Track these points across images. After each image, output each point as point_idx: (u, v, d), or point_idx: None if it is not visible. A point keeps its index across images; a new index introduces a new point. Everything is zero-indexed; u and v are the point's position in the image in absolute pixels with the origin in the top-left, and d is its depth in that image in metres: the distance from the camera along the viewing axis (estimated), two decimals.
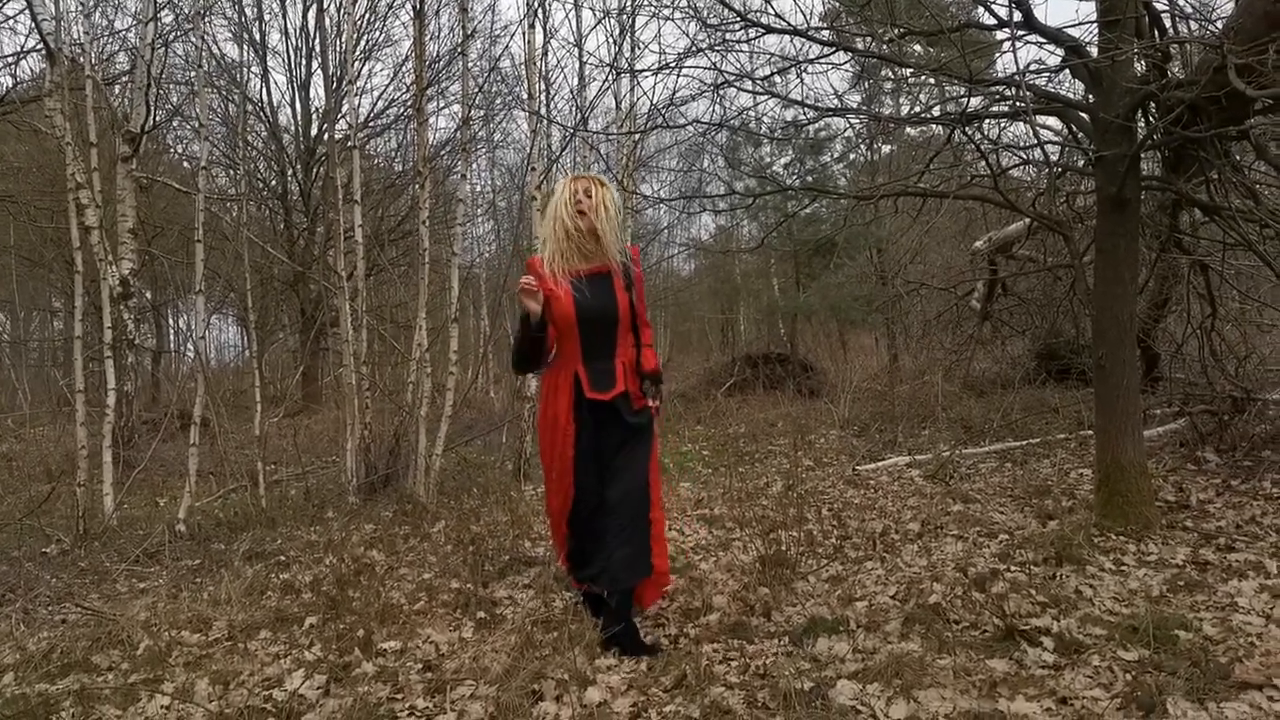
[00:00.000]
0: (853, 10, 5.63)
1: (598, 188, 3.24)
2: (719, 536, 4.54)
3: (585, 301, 3.13)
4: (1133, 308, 4.08)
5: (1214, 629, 2.81)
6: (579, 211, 3.18)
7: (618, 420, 3.18)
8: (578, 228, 3.18)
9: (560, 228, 3.19)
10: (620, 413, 3.17)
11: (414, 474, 6.00)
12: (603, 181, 3.30)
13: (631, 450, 3.20)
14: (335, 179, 6.46)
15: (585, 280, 3.17)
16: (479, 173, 17.07)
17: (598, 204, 3.19)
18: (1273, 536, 3.80)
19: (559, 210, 3.20)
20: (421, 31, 5.80)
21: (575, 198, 3.19)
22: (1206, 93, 3.39)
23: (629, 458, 3.19)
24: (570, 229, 3.18)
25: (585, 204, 3.17)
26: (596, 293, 3.17)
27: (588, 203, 3.18)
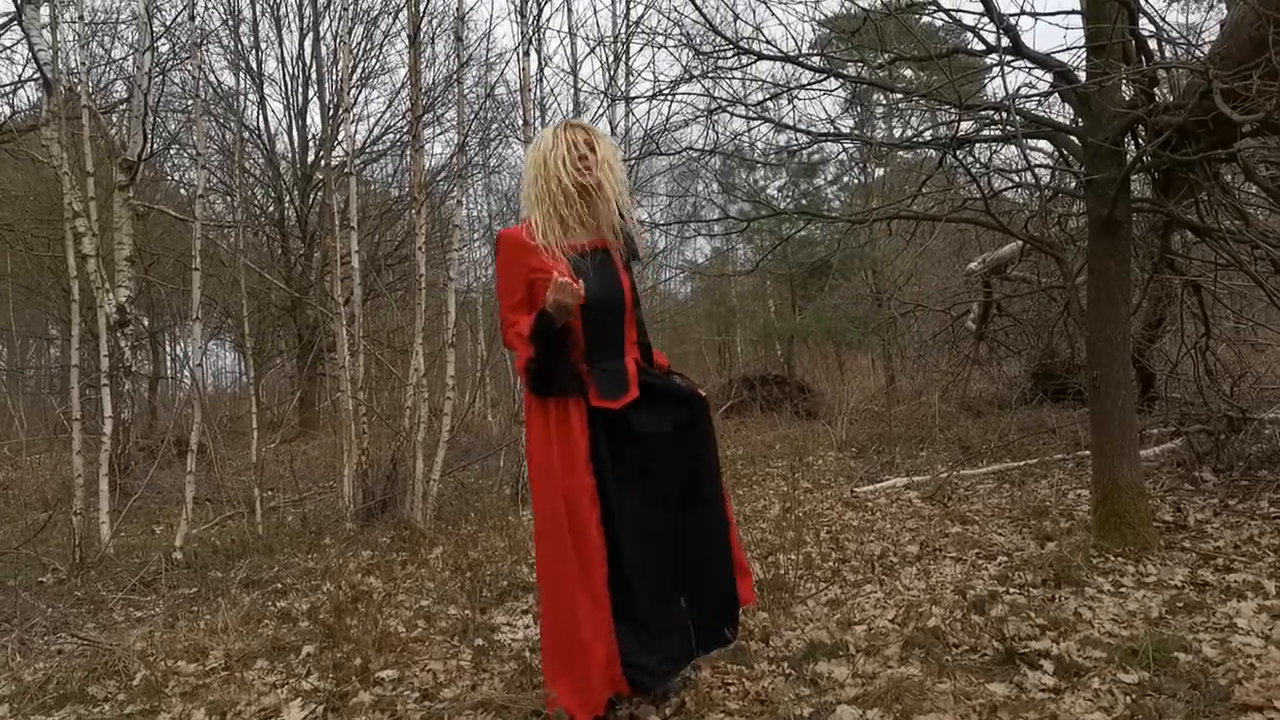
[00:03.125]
0: (843, 37, 5.69)
1: (599, 140, 2.61)
2: None
3: (590, 286, 2.44)
4: (1126, 329, 4.11)
5: (1213, 650, 2.81)
6: (585, 168, 2.52)
7: (628, 430, 2.53)
8: (582, 189, 2.53)
9: (559, 189, 2.49)
10: (631, 422, 2.53)
11: (411, 499, 5.99)
12: (599, 133, 2.67)
13: (687, 461, 2.61)
14: (332, 205, 6.50)
15: (586, 258, 2.54)
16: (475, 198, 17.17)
17: (603, 159, 2.56)
18: (1270, 556, 3.80)
19: (556, 167, 2.49)
20: (417, 59, 5.86)
21: (577, 151, 2.52)
22: (1194, 117, 3.43)
23: (686, 471, 2.60)
24: (573, 191, 2.51)
25: (590, 159, 2.53)
26: (601, 274, 2.54)
27: (593, 158, 2.53)
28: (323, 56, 14.41)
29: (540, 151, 2.55)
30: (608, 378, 2.51)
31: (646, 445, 2.54)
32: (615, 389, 2.50)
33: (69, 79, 7.48)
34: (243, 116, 13.68)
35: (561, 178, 2.49)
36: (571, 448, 2.46)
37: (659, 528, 2.55)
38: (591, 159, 2.52)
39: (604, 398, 2.48)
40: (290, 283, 13.89)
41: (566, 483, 2.44)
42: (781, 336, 15.85)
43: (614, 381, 2.51)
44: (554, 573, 2.47)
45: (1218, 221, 4.48)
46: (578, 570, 2.42)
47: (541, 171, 2.52)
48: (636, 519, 2.49)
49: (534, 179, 2.54)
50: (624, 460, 2.51)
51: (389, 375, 9.35)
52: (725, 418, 12.78)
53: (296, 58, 15.17)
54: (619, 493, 2.47)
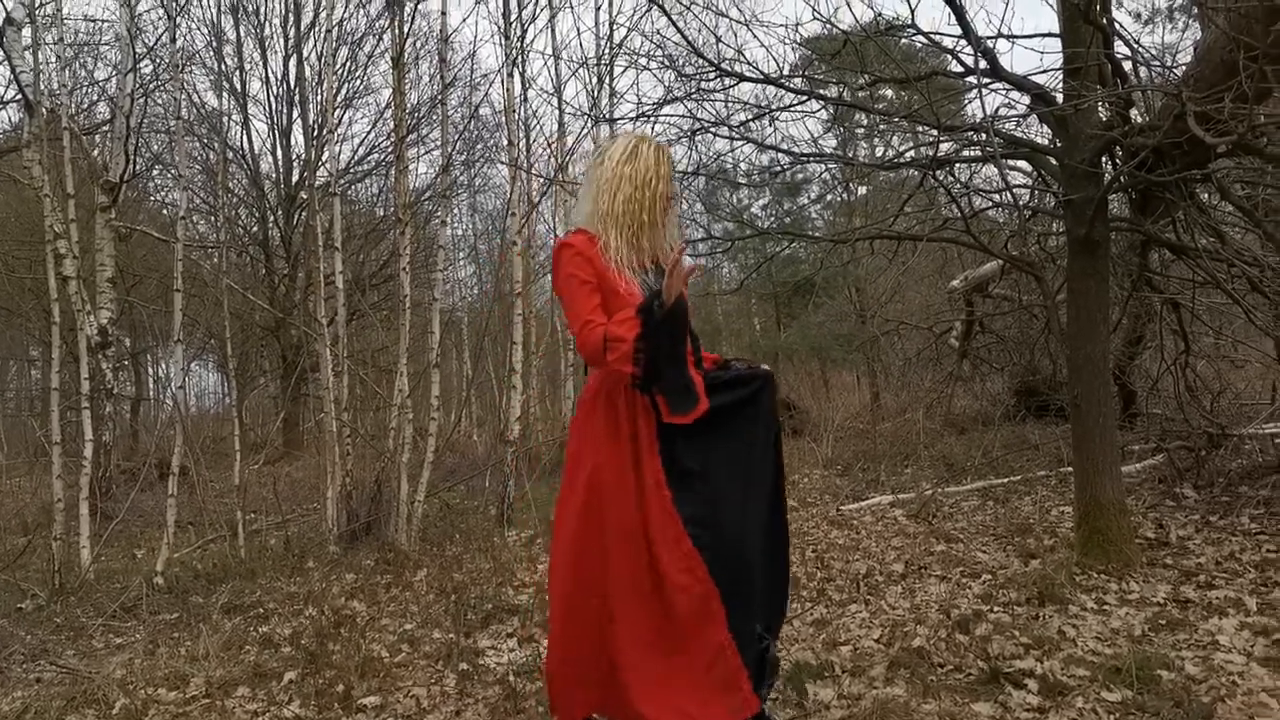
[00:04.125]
0: (824, 59, 5.75)
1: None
2: None
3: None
4: (1105, 346, 4.15)
5: (1196, 668, 2.82)
6: (671, 193, 2.50)
7: (705, 437, 2.41)
8: (666, 211, 2.50)
9: (651, 205, 2.43)
10: (706, 431, 2.40)
11: (396, 521, 5.95)
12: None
13: (756, 459, 2.49)
14: (316, 225, 6.50)
15: (649, 273, 2.46)
16: (460, 218, 17.19)
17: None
18: (1252, 573, 3.83)
19: (654, 185, 2.43)
20: (400, 81, 5.89)
21: (668, 172, 2.49)
22: (1169, 138, 3.48)
23: (755, 472, 2.48)
24: (661, 210, 2.46)
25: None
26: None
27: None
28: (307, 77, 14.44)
29: (641, 165, 2.44)
30: (679, 392, 2.38)
31: (726, 449, 2.44)
32: (687, 403, 2.37)
33: (50, 101, 7.46)
34: (226, 137, 13.67)
35: (656, 196, 2.44)
36: (650, 474, 2.34)
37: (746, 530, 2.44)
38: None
39: (675, 413, 2.36)
40: (274, 303, 13.85)
41: (649, 500, 2.33)
42: (767, 354, 15.91)
43: (686, 396, 2.38)
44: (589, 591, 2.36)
45: (1194, 240, 4.54)
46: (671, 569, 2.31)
47: (635, 181, 2.43)
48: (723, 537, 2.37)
49: (629, 195, 2.42)
50: (698, 472, 2.39)
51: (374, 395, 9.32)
52: None
53: (281, 78, 15.20)
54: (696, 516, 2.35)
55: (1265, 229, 4.12)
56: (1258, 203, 4.81)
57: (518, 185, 6.61)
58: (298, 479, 10.12)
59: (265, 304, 13.07)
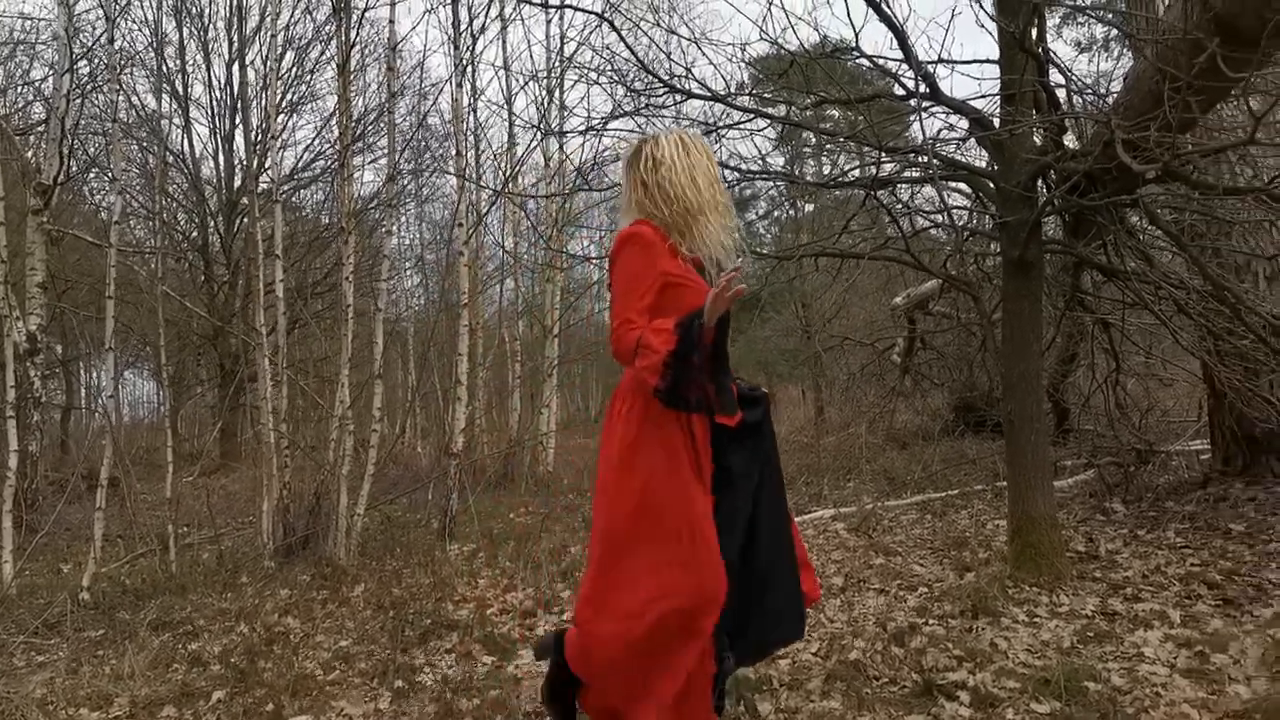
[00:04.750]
0: (770, 78, 5.83)
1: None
2: None
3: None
4: (1038, 365, 4.25)
5: (1121, 680, 2.90)
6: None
7: (742, 443, 2.41)
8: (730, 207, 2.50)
9: (722, 186, 2.46)
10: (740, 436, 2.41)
11: (334, 535, 5.83)
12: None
13: (770, 477, 2.48)
14: (256, 233, 6.37)
15: (700, 271, 2.48)
16: (407, 227, 17.01)
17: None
18: (1176, 586, 3.95)
19: (715, 168, 2.46)
20: (346, 88, 5.81)
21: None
22: (1099, 164, 3.60)
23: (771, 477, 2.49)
24: (726, 205, 2.47)
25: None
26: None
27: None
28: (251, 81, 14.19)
29: (695, 153, 2.43)
30: (726, 394, 2.35)
31: (756, 454, 2.44)
32: (731, 405, 2.35)
33: None
34: (167, 141, 13.34)
35: (721, 190, 2.44)
36: (699, 463, 2.32)
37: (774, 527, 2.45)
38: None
39: (725, 413, 2.33)
40: (213, 311, 13.53)
41: (694, 493, 2.28)
42: None
43: (729, 398, 2.35)
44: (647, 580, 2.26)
45: (1124, 263, 4.69)
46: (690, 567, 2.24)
47: (712, 176, 2.43)
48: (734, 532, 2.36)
49: (708, 183, 2.41)
50: (741, 472, 2.40)
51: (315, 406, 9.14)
52: None
53: (225, 82, 14.91)
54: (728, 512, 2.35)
55: (1190, 253, 4.27)
56: (1184, 228, 4.99)
57: (465, 196, 6.57)
58: (234, 491, 9.88)
59: (203, 312, 12.77)
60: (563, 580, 4.84)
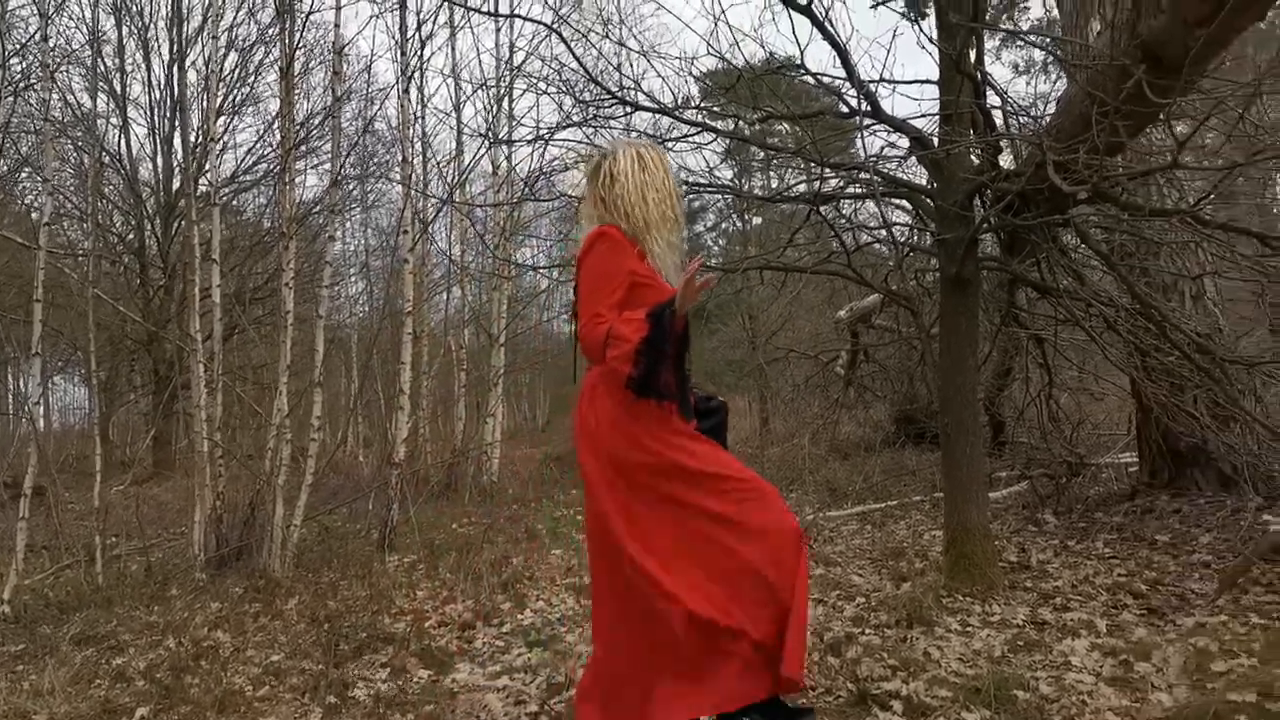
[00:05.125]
0: (717, 93, 5.89)
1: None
2: (586, 606, 4.49)
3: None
4: (974, 378, 4.34)
5: (1049, 688, 2.96)
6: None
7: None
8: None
9: (675, 201, 2.49)
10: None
11: (269, 546, 5.70)
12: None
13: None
14: (193, 236, 6.22)
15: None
16: (352, 232, 16.77)
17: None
18: (1104, 595, 4.05)
19: (670, 183, 2.49)
20: (289, 91, 5.72)
21: (670, 169, 2.56)
22: (1031, 184, 3.70)
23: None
24: (681, 205, 2.55)
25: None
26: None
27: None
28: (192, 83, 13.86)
29: (653, 168, 2.47)
30: (685, 393, 2.41)
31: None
32: (690, 412, 2.42)
33: None
34: (103, 141, 12.97)
35: (676, 201, 2.48)
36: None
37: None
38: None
39: (681, 413, 2.39)
40: (148, 316, 13.16)
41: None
42: None
43: (687, 400, 2.42)
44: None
45: (1057, 280, 4.82)
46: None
47: (665, 192, 2.46)
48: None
49: (658, 199, 2.44)
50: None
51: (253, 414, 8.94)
52: None
53: (165, 83, 14.55)
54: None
55: (1119, 272, 4.41)
56: (1114, 247, 5.15)
57: (410, 203, 6.50)
58: (166, 501, 9.62)
59: (138, 316, 12.41)
60: (503, 591, 4.80)
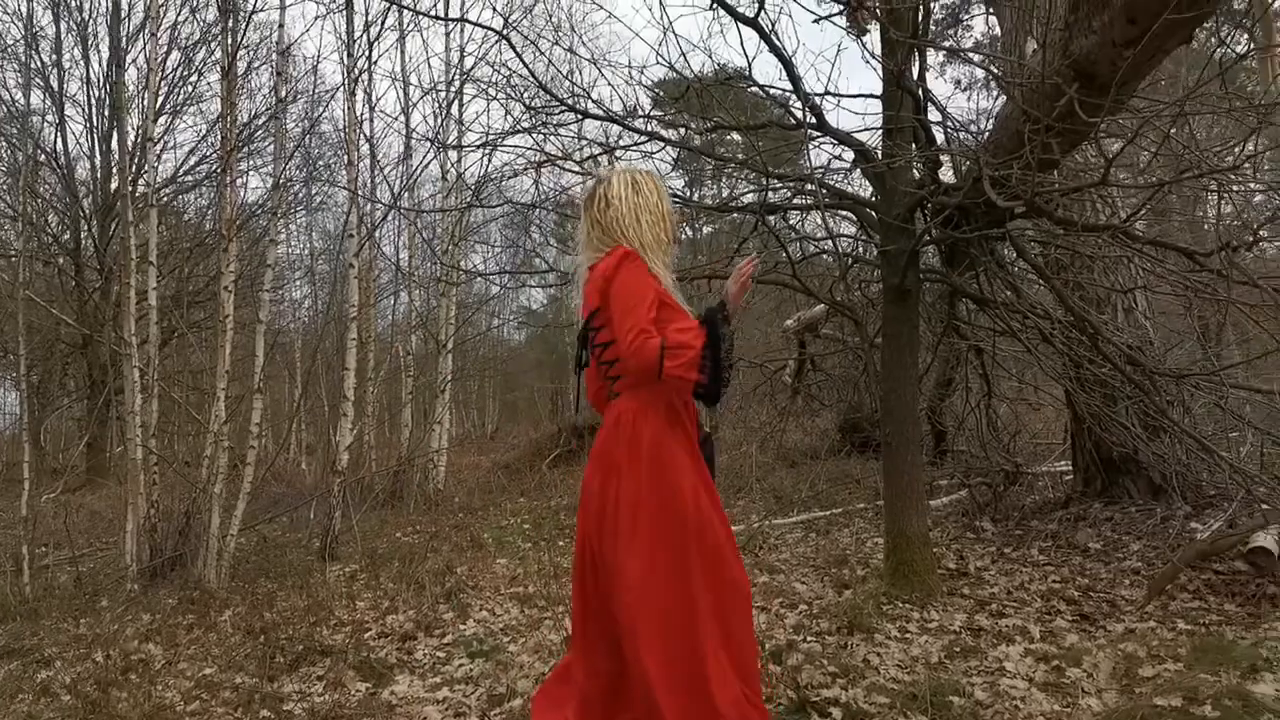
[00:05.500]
0: (667, 102, 5.92)
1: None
2: (530, 616, 4.46)
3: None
4: (915, 389, 4.42)
5: (984, 694, 3.01)
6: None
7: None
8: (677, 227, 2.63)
9: (670, 224, 2.54)
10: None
11: (205, 556, 5.57)
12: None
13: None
14: (130, 238, 6.05)
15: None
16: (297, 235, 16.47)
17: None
18: (1038, 602, 4.14)
19: (664, 205, 2.53)
20: (230, 92, 5.60)
21: (666, 193, 2.60)
22: (969, 198, 3.77)
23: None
24: (676, 226, 2.60)
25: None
26: None
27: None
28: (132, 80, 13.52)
29: (647, 192, 2.51)
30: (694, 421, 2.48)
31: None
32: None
33: None
34: (38, 138, 12.59)
35: (669, 216, 2.53)
36: (710, 494, 2.44)
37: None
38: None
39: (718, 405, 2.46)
40: (83, 319, 12.78)
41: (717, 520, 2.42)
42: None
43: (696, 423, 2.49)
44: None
45: (995, 293, 4.92)
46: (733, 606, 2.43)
47: (658, 215, 2.50)
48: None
49: (651, 221, 2.48)
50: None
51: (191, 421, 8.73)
52: (553, 466, 12.72)
53: (104, 78, 14.16)
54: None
55: (1053, 285, 4.51)
56: (1049, 261, 5.28)
57: (355, 206, 6.41)
58: (99, 510, 9.34)
59: (72, 320, 12.05)
60: (446, 601, 4.74)
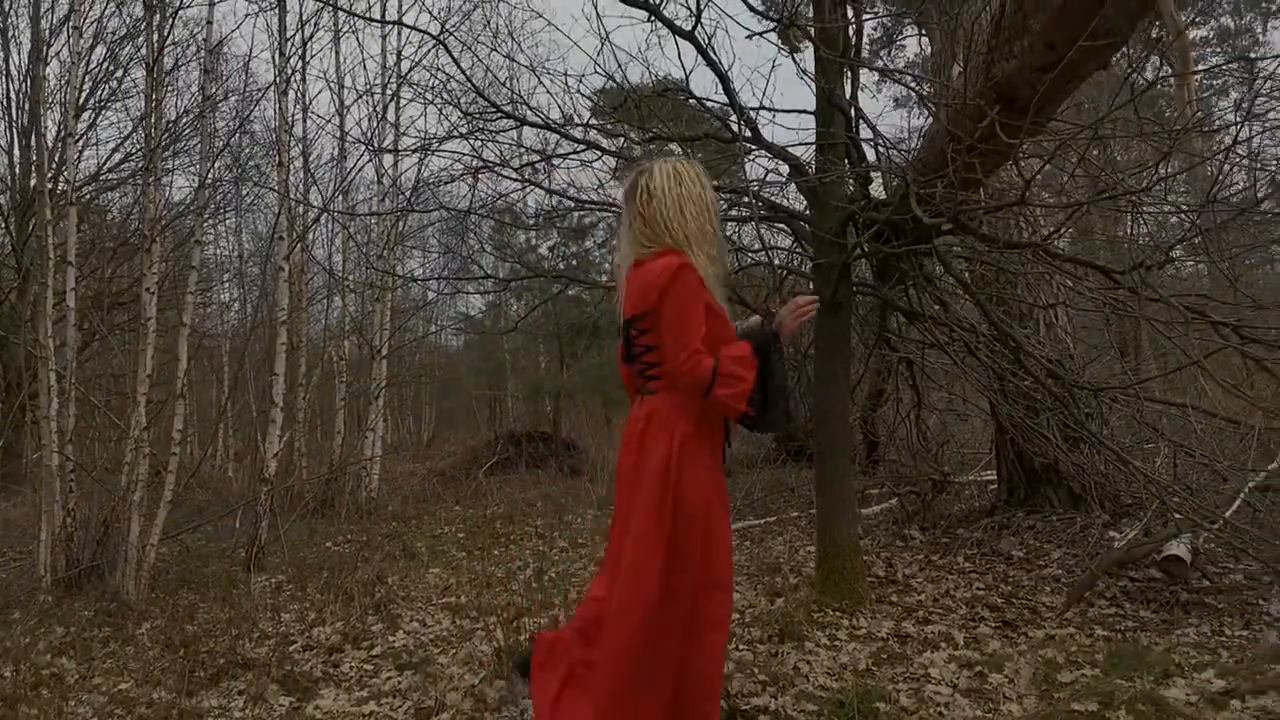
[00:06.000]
0: (604, 112, 5.94)
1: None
2: (462, 626, 4.41)
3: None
4: (846, 400, 4.50)
5: (909, 700, 3.07)
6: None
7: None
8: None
9: (714, 214, 2.46)
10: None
11: (124, 567, 5.38)
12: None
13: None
14: (46, 238, 5.83)
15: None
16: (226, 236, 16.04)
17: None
18: (963, 609, 4.24)
19: (708, 195, 2.46)
20: (155, 89, 5.44)
21: (708, 182, 2.51)
22: (898, 214, 3.86)
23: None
24: (719, 218, 2.51)
25: None
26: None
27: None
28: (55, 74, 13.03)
29: (689, 181, 2.44)
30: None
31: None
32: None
33: None
34: None
35: (714, 206, 2.46)
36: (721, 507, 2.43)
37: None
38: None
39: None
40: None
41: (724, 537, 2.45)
42: (550, 393, 15.97)
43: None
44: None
45: (923, 307, 5.04)
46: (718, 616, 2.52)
47: (703, 205, 2.42)
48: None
49: (696, 212, 2.41)
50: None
51: (113, 427, 8.44)
52: (489, 474, 12.61)
53: (26, 72, 13.61)
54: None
55: (978, 300, 4.64)
56: (975, 277, 5.43)
57: (286, 209, 6.28)
58: (12, 518, 8.95)
59: None
60: (375, 612, 4.66)
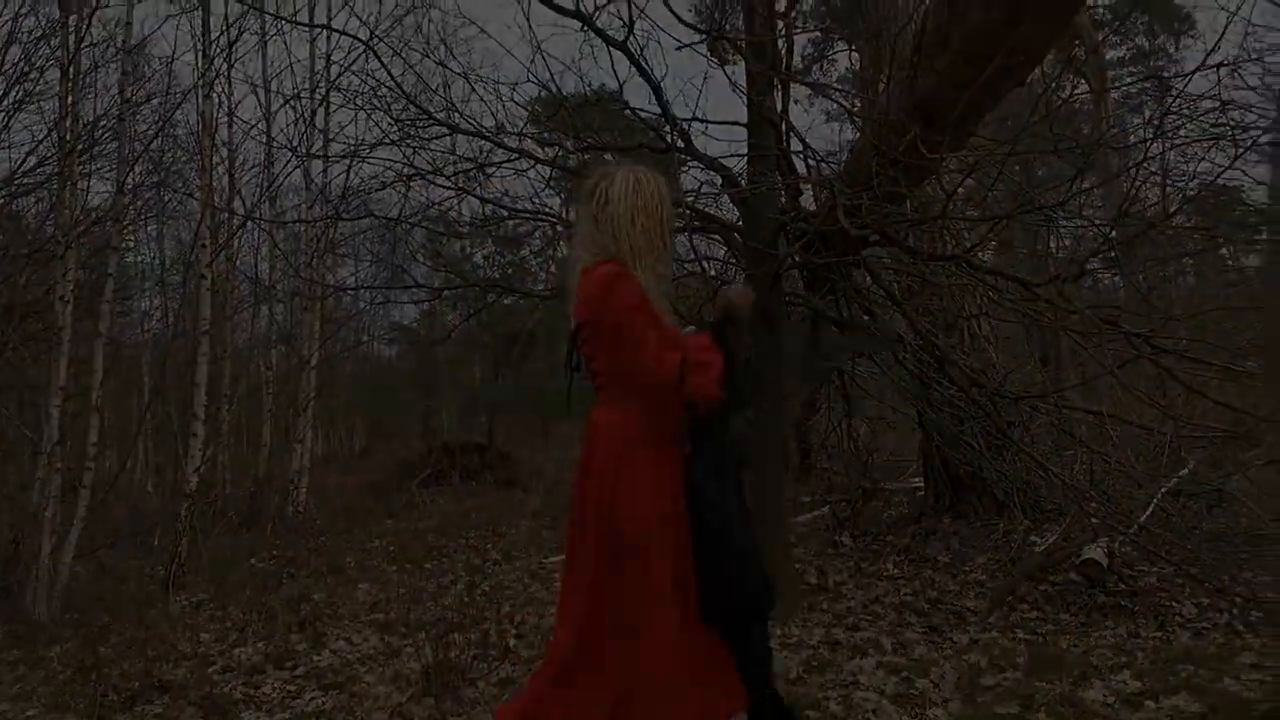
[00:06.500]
0: (539, 121, 5.92)
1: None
2: (390, 644, 4.32)
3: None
4: (778, 409, 4.54)
5: (839, 707, 3.10)
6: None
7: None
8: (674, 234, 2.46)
9: (666, 230, 2.38)
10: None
11: (34, 587, 5.15)
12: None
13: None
14: None
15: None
16: (147, 243, 15.49)
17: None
18: (891, 615, 4.30)
19: (664, 210, 2.38)
20: (70, 90, 5.24)
21: (670, 197, 2.42)
22: (826, 225, 3.92)
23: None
24: (672, 233, 2.43)
25: None
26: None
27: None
28: None
29: (647, 194, 2.35)
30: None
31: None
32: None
33: None
34: None
35: (669, 222, 2.38)
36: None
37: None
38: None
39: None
40: None
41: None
42: (484, 402, 15.81)
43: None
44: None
45: (853, 317, 5.12)
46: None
47: (655, 219, 2.34)
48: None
49: (647, 225, 2.33)
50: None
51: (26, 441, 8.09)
52: (423, 486, 12.42)
53: None
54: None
55: (904, 310, 4.74)
56: (902, 288, 5.54)
57: (208, 215, 6.11)
58: None
59: None
60: (300, 631, 4.54)
